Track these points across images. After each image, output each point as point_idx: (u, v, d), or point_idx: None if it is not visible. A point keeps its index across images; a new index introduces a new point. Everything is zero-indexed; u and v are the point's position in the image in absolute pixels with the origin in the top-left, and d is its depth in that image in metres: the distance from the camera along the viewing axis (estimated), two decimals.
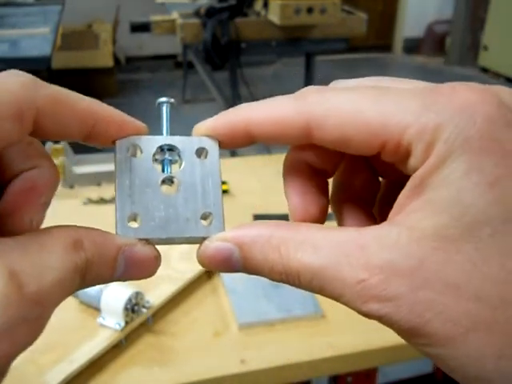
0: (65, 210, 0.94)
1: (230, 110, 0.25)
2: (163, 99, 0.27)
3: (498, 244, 0.18)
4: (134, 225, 0.23)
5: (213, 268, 0.23)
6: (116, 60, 4.12)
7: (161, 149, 0.24)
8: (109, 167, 1.04)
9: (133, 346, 0.64)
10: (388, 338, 0.67)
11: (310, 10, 2.27)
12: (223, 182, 1.00)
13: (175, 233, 0.23)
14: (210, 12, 2.29)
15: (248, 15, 2.44)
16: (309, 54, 2.75)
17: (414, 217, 0.19)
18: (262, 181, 1.05)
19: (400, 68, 5.10)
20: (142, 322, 0.66)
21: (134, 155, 0.24)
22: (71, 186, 1.01)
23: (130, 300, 0.64)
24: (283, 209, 0.91)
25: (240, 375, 0.62)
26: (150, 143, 0.24)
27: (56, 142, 1.01)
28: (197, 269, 0.75)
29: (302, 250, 0.21)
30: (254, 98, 2.74)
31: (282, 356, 0.64)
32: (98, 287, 0.66)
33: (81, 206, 0.95)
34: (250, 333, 0.67)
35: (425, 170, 0.19)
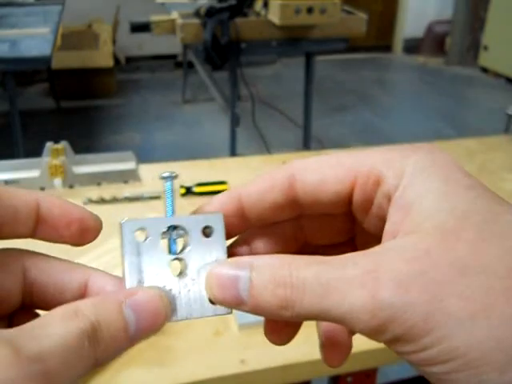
0: None
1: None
2: (166, 174, 0.26)
3: (492, 228, 0.20)
4: None
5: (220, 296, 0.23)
6: (116, 60, 4.12)
7: (167, 230, 0.25)
8: (109, 167, 1.04)
9: None
10: None
11: (310, 10, 2.27)
12: (223, 181, 1.00)
13: (185, 314, 0.24)
14: (210, 12, 2.29)
15: (248, 15, 2.44)
16: (309, 54, 2.75)
17: (413, 228, 0.21)
18: None
19: (400, 68, 5.10)
20: None
21: (141, 238, 0.24)
22: (71, 186, 1.01)
23: None
24: None
25: (240, 375, 0.62)
26: (157, 225, 0.24)
27: (56, 142, 1.01)
28: None
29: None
30: (253, 97, 2.74)
31: (282, 356, 0.64)
32: None
33: None
34: (249, 333, 0.67)
35: (405, 189, 0.22)
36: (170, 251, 0.24)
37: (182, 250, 0.24)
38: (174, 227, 0.25)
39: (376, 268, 0.20)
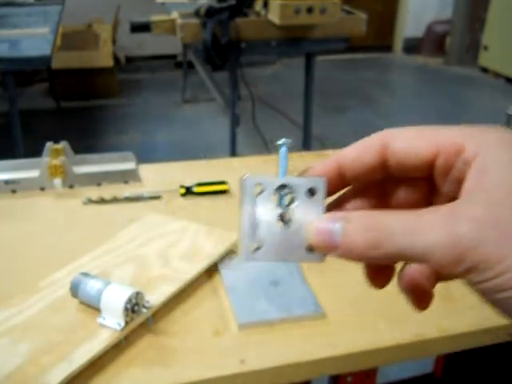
0: (65, 210, 0.94)
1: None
2: (280, 142, 0.31)
3: None
4: (257, 252, 0.29)
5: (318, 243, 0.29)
6: (116, 60, 4.12)
7: (279, 187, 0.29)
8: (109, 167, 1.04)
9: (133, 346, 0.64)
10: (388, 338, 0.67)
11: (309, 10, 2.26)
12: (223, 181, 1.00)
13: (293, 258, 0.29)
14: (210, 12, 2.29)
15: (248, 15, 2.43)
16: (309, 54, 2.75)
17: (488, 186, 0.26)
18: None
19: (400, 68, 5.09)
20: (141, 322, 0.66)
21: (258, 193, 0.29)
22: (71, 186, 1.01)
23: (129, 300, 0.64)
24: None
25: (240, 375, 0.62)
26: (272, 183, 0.29)
27: (56, 142, 1.01)
28: (197, 269, 0.75)
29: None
30: (253, 97, 2.74)
31: (282, 356, 0.64)
32: (97, 287, 0.66)
33: (81, 206, 0.95)
34: (249, 333, 0.67)
35: (483, 157, 0.27)
36: (280, 205, 0.29)
37: (288, 205, 0.29)
38: (284, 185, 0.29)
39: (454, 213, 0.25)
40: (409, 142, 0.30)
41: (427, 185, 0.31)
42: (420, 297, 0.34)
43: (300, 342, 0.66)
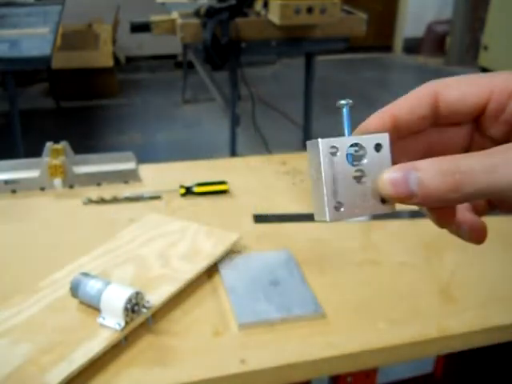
0: (65, 209, 0.94)
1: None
2: (343, 102, 0.32)
3: None
4: (340, 211, 0.30)
5: (393, 191, 0.29)
6: (116, 60, 4.12)
7: (350, 146, 0.31)
8: (109, 167, 1.04)
9: (133, 345, 0.64)
10: (388, 338, 0.67)
11: (309, 10, 2.26)
12: (223, 181, 1.00)
13: (368, 211, 0.31)
14: (210, 12, 2.29)
15: (248, 15, 2.43)
16: (309, 54, 2.75)
17: None
18: (262, 181, 1.05)
19: (400, 68, 5.09)
20: (142, 322, 0.66)
21: (333, 154, 0.30)
22: (71, 186, 1.01)
23: (129, 300, 0.64)
24: (283, 209, 0.91)
25: (240, 375, 0.62)
26: (344, 143, 0.31)
27: (56, 142, 1.01)
28: (197, 269, 0.75)
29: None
30: (253, 97, 2.74)
31: (282, 356, 0.64)
32: (97, 287, 0.66)
33: (81, 206, 0.95)
34: (249, 333, 0.67)
35: None
36: (352, 162, 0.31)
37: (360, 161, 0.31)
38: (354, 144, 0.31)
39: None
40: (461, 89, 0.31)
41: (470, 128, 0.33)
42: (478, 230, 0.34)
43: (300, 342, 0.66)
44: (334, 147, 0.30)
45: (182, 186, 0.99)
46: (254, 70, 4.28)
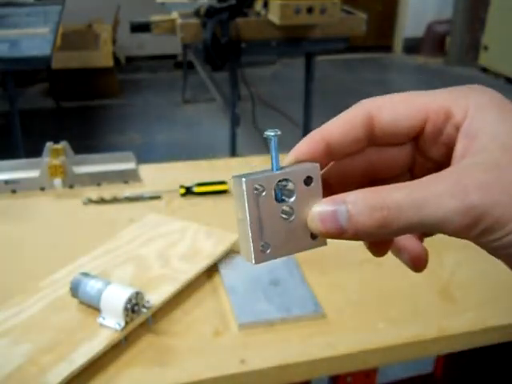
0: (65, 209, 0.94)
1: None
2: (270, 133, 0.30)
3: None
4: (266, 252, 0.28)
5: (324, 230, 0.28)
6: (116, 60, 4.12)
7: (277, 182, 0.29)
8: (109, 167, 1.04)
9: (133, 345, 0.64)
10: (388, 338, 0.67)
11: (309, 10, 2.26)
12: (223, 181, 1.00)
13: (297, 249, 0.29)
14: (210, 12, 2.29)
15: (248, 15, 2.43)
16: (309, 54, 2.75)
17: (481, 149, 0.26)
18: None
19: (400, 68, 5.09)
20: (141, 322, 0.66)
21: (260, 193, 0.28)
22: (71, 186, 1.01)
23: (129, 300, 0.64)
24: None
25: (240, 375, 0.62)
26: (271, 180, 0.28)
27: (56, 142, 1.01)
28: (197, 269, 0.75)
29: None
30: (253, 97, 2.74)
31: (282, 356, 0.64)
32: (97, 287, 0.66)
33: (81, 206, 0.95)
34: (249, 333, 0.67)
35: (471, 120, 0.27)
36: (279, 199, 0.29)
37: (288, 197, 0.29)
38: (282, 180, 0.29)
39: (460, 181, 0.25)
40: (395, 111, 0.29)
41: (411, 148, 0.31)
42: (418, 260, 0.33)
43: (300, 342, 0.66)
44: (260, 185, 0.28)
45: (182, 186, 0.99)
46: (254, 70, 4.28)
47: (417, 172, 0.32)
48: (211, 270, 0.77)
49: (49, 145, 1.00)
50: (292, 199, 0.29)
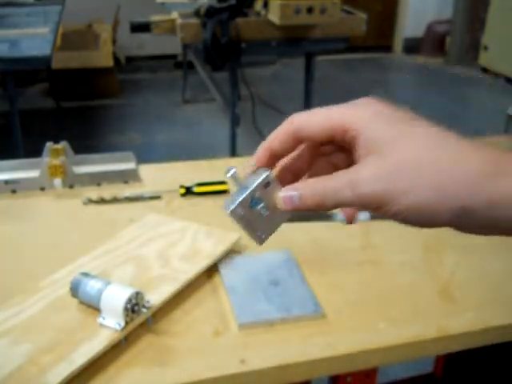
0: (65, 209, 0.94)
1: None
2: (229, 174, 0.42)
3: (411, 133, 0.37)
4: (264, 236, 0.44)
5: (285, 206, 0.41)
6: (116, 60, 4.12)
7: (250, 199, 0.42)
8: (109, 167, 1.04)
9: (133, 345, 0.64)
10: (388, 338, 0.67)
11: (309, 10, 2.27)
12: (223, 181, 1.00)
13: (277, 226, 0.44)
14: (210, 12, 2.29)
15: (248, 15, 2.44)
16: (309, 54, 2.75)
17: (370, 152, 0.37)
18: None
19: (400, 68, 5.09)
20: (141, 322, 0.66)
21: (241, 211, 0.42)
22: (71, 186, 1.01)
23: (129, 300, 0.64)
24: None
25: (240, 375, 0.62)
26: (245, 202, 0.42)
27: (56, 142, 1.01)
28: (197, 269, 0.75)
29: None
30: (253, 97, 2.74)
31: (282, 356, 0.64)
32: (97, 287, 0.66)
33: (81, 206, 0.95)
34: (249, 333, 0.67)
35: (363, 130, 0.38)
36: (255, 205, 0.42)
37: (259, 201, 0.42)
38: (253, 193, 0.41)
39: (355, 177, 0.37)
40: (313, 126, 0.40)
41: (346, 154, 0.42)
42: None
43: (300, 342, 0.66)
44: (240, 208, 0.41)
45: (182, 186, 0.99)
46: (254, 69, 4.28)
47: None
48: (211, 270, 0.77)
49: (49, 145, 1.00)
50: (263, 202, 0.42)
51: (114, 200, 0.96)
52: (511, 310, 0.72)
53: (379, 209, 0.37)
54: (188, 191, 0.99)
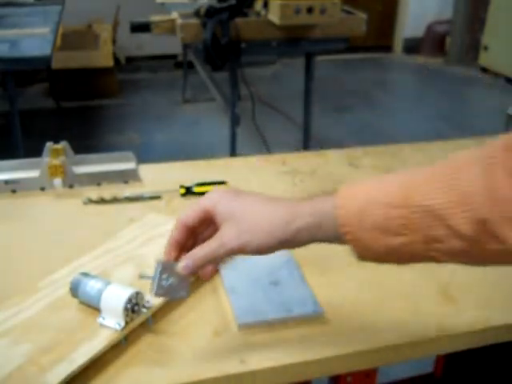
0: (65, 210, 0.94)
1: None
2: (144, 278, 0.61)
3: (248, 207, 0.58)
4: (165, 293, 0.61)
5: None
6: (116, 60, 4.12)
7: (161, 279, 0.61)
8: (109, 167, 1.04)
9: (133, 345, 0.64)
10: (388, 338, 0.67)
11: (309, 10, 2.27)
12: (223, 181, 1.00)
13: (177, 294, 0.61)
14: (210, 12, 2.29)
15: (248, 15, 2.43)
16: (309, 54, 2.75)
17: (223, 223, 0.58)
18: (262, 181, 1.05)
19: (400, 68, 5.10)
20: (141, 322, 0.66)
21: (157, 289, 0.60)
22: (71, 186, 1.01)
23: (129, 300, 0.64)
24: None
25: (240, 375, 0.62)
26: (158, 280, 0.60)
27: (56, 142, 1.01)
28: None
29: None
30: (253, 97, 2.74)
31: (282, 356, 0.64)
32: (97, 287, 0.66)
33: (81, 206, 0.95)
34: (249, 333, 0.67)
35: (218, 209, 0.58)
36: (168, 281, 0.60)
37: (169, 278, 0.60)
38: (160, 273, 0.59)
39: (221, 240, 0.57)
40: (191, 216, 0.59)
41: None
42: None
43: (300, 342, 0.66)
44: (160, 290, 0.59)
45: (182, 186, 0.99)
46: (254, 69, 4.28)
47: None
48: None
49: (49, 145, 1.00)
50: (170, 278, 0.59)
51: (114, 200, 0.96)
52: (511, 310, 0.72)
53: (240, 253, 0.57)
54: (188, 191, 0.99)
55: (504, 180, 0.45)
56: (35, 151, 1.09)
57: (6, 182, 0.98)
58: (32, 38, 2.13)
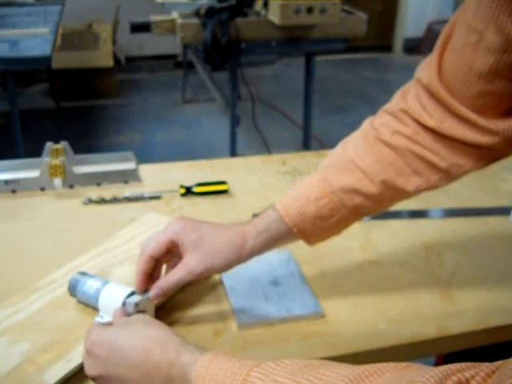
0: (65, 209, 0.94)
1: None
2: (128, 305, 0.64)
3: (206, 239, 0.64)
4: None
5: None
6: (116, 60, 4.12)
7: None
8: (109, 167, 1.04)
9: None
10: (388, 338, 0.67)
11: (310, 10, 2.27)
12: (223, 181, 1.00)
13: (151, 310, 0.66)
14: (210, 12, 2.29)
15: (248, 15, 2.44)
16: (309, 54, 2.76)
17: (187, 249, 0.64)
18: (262, 181, 1.05)
19: (400, 68, 5.09)
20: None
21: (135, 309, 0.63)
22: (71, 186, 1.01)
23: (136, 305, 0.63)
24: None
25: None
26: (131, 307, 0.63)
27: (56, 142, 1.01)
28: None
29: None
30: (253, 97, 2.74)
31: (282, 356, 0.63)
32: (95, 286, 0.66)
33: (81, 206, 0.95)
34: (249, 333, 0.67)
35: (181, 240, 0.64)
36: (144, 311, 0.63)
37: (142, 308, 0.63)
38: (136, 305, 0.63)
39: (188, 267, 0.63)
40: (157, 246, 0.64)
41: None
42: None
43: (300, 342, 0.66)
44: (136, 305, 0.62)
45: (182, 186, 0.99)
46: (254, 69, 4.28)
47: None
48: None
49: (49, 145, 1.00)
50: (143, 307, 0.63)
51: (114, 200, 0.96)
52: (511, 310, 0.72)
53: (204, 275, 0.64)
54: (188, 191, 0.99)
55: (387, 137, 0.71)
56: (35, 151, 1.08)
57: (6, 181, 0.98)
58: (32, 37, 2.13)
